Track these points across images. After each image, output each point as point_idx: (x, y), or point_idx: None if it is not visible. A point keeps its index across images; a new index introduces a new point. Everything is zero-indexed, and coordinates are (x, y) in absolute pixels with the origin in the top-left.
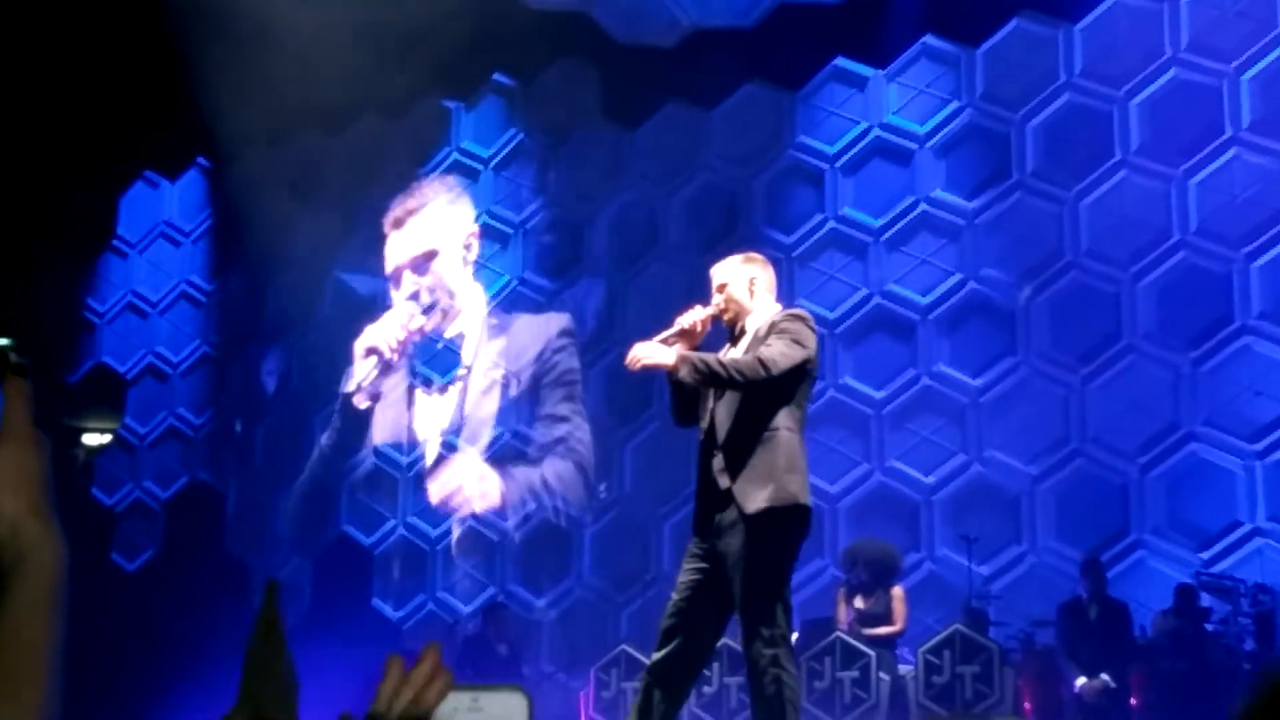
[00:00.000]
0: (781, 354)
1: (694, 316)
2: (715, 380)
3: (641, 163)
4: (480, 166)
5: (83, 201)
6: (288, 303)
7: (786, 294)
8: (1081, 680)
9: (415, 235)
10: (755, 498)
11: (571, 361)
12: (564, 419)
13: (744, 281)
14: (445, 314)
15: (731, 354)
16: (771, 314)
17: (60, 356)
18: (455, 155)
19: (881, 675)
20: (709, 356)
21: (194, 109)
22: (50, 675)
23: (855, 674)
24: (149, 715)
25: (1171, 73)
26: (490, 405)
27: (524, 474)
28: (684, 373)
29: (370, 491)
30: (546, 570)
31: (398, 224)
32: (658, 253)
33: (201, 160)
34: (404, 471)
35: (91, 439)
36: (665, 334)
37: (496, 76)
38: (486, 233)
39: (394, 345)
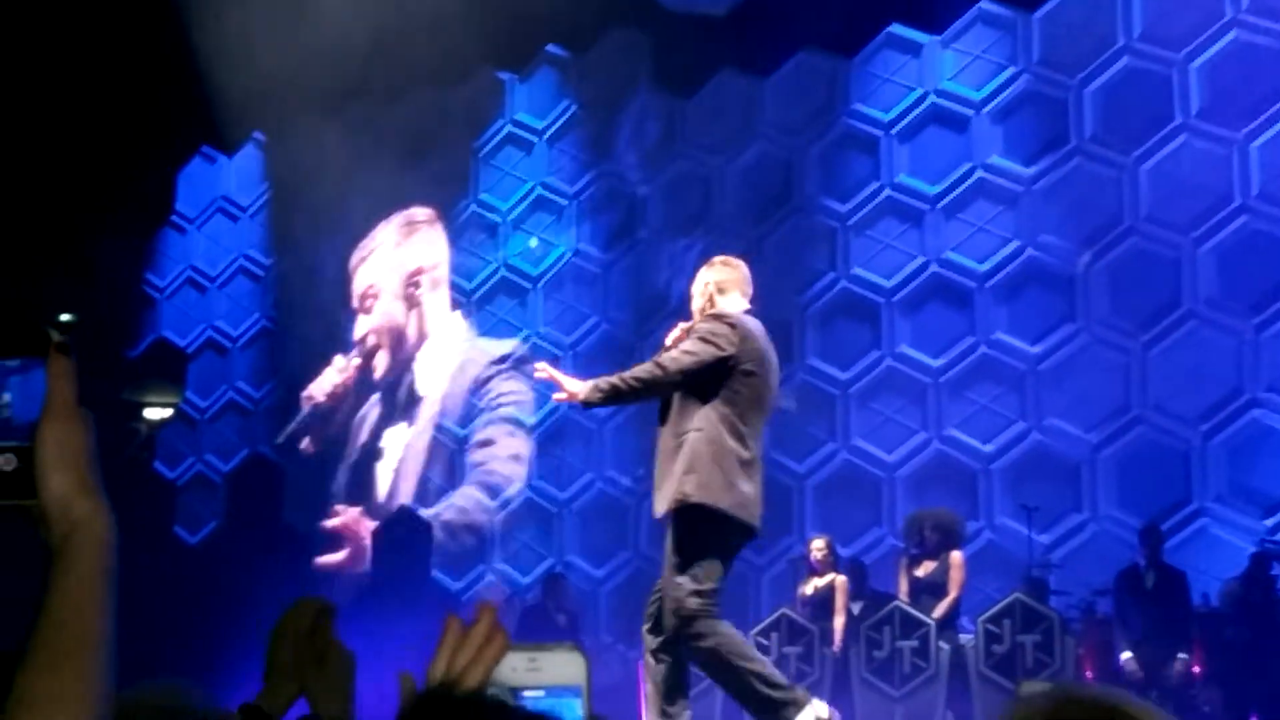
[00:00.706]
0: (684, 352)
1: (674, 335)
2: (619, 395)
3: (695, 132)
4: (534, 138)
5: (141, 178)
6: (347, 274)
7: (843, 263)
8: (1127, 654)
9: (362, 280)
10: (661, 501)
11: (503, 385)
12: (487, 443)
13: (701, 290)
14: (390, 354)
15: None
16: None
17: (121, 332)
18: (509, 127)
19: (941, 644)
20: (613, 375)
21: (250, 83)
22: (104, 651)
23: (915, 643)
24: (211, 685)
25: (1232, 34)
26: (426, 438)
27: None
28: (593, 399)
29: (429, 465)
30: (604, 542)
31: (354, 272)
32: (712, 222)
33: (258, 135)
34: (460, 444)
35: (153, 413)
36: (655, 357)
37: (549, 48)
38: (541, 205)
39: (328, 391)
